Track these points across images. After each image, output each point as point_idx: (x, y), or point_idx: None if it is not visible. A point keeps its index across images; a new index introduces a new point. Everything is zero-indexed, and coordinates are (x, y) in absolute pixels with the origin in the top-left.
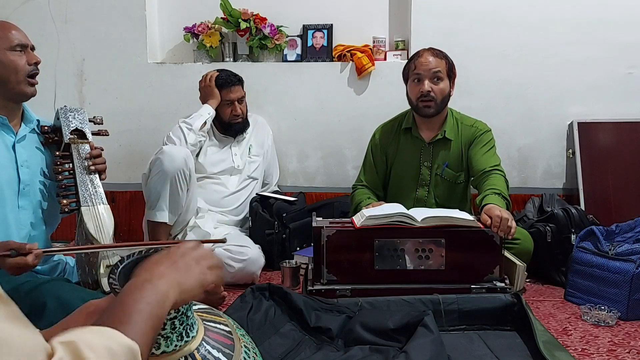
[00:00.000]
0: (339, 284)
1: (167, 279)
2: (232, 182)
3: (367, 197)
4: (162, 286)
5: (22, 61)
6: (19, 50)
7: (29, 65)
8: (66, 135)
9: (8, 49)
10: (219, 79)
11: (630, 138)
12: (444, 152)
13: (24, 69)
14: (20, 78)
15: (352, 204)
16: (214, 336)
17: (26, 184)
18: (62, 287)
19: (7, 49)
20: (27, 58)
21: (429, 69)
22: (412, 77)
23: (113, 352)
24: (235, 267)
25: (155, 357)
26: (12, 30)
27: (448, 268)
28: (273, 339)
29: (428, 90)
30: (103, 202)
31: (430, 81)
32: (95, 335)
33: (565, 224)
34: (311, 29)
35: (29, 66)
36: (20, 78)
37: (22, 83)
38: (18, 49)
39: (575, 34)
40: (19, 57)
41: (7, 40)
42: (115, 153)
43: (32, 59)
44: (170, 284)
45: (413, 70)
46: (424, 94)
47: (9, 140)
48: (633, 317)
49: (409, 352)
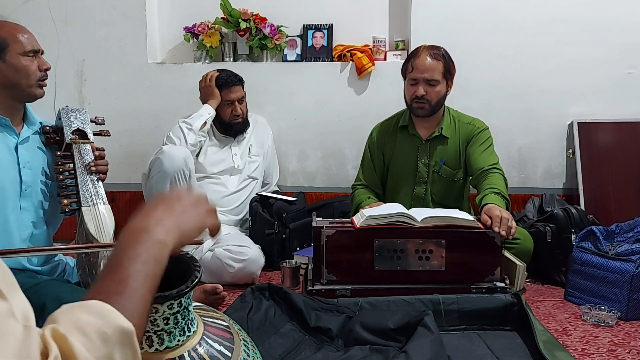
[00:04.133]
0: (339, 284)
1: (164, 223)
2: (232, 182)
3: (367, 197)
4: (159, 234)
5: (34, 66)
6: (31, 56)
7: (40, 72)
8: (68, 135)
9: (22, 54)
10: (219, 79)
11: (630, 138)
12: (441, 150)
13: (35, 75)
14: (32, 82)
15: (353, 205)
16: (213, 330)
17: (28, 185)
18: (61, 288)
19: (20, 54)
20: (39, 63)
21: (425, 75)
22: (408, 78)
23: (106, 337)
24: (235, 267)
25: (159, 353)
26: (25, 34)
27: (448, 268)
28: (273, 339)
29: (423, 94)
30: (104, 202)
31: (425, 85)
32: (89, 316)
33: (565, 224)
34: (311, 29)
35: (40, 72)
36: (32, 82)
37: (32, 87)
38: (31, 54)
39: (575, 34)
40: (31, 63)
41: (21, 45)
42: (115, 153)
43: (43, 65)
44: (169, 229)
45: (409, 72)
46: (418, 96)
47: (12, 142)
48: (633, 317)
49: (409, 352)
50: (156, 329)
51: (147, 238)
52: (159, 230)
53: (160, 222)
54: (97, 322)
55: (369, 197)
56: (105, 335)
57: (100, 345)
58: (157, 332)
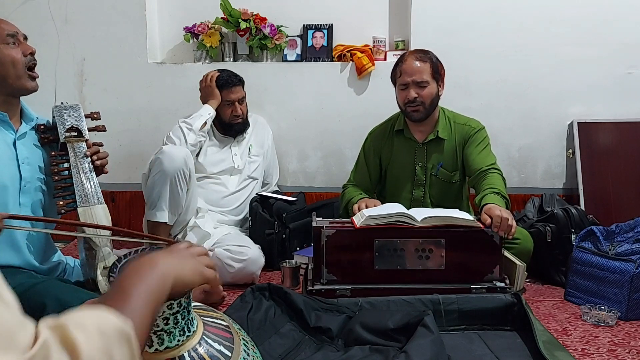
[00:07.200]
0: (339, 284)
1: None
2: (232, 182)
3: (358, 194)
4: (162, 268)
5: (17, 54)
6: (12, 42)
7: (25, 57)
8: (62, 134)
9: (1, 41)
10: (219, 80)
11: (630, 138)
12: (437, 152)
13: (21, 62)
14: (20, 72)
15: (342, 202)
16: (213, 330)
17: (27, 181)
18: (61, 288)
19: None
20: (22, 49)
21: (413, 78)
22: (398, 84)
23: (104, 334)
24: (235, 267)
25: (159, 353)
26: (1, 23)
27: (448, 268)
28: (273, 339)
29: (415, 96)
30: (100, 201)
31: (416, 87)
32: (88, 315)
33: (565, 224)
34: (311, 29)
35: (25, 57)
36: (20, 72)
37: (22, 77)
38: (10, 40)
39: (575, 34)
40: (14, 50)
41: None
42: (115, 153)
43: (27, 50)
44: (170, 267)
45: (399, 77)
46: (410, 100)
47: (10, 138)
48: (633, 317)
49: (409, 352)
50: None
51: (151, 269)
52: (161, 266)
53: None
54: (96, 320)
55: (360, 193)
56: (104, 331)
57: (98, 339)
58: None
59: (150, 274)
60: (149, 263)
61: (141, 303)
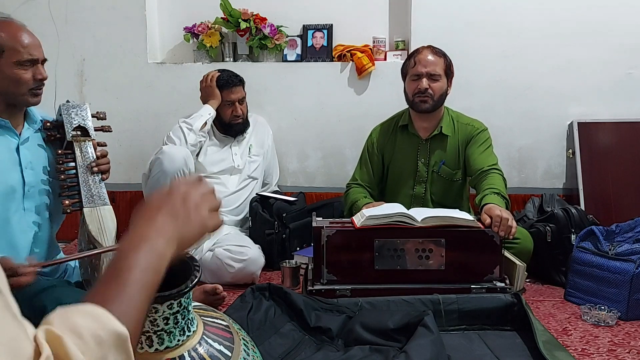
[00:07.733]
0: (339, 284)
1: (165, 232)
2: (232, 182)
3: (363, 196)
4: (160, 246)
5: (27, 76)
6: (27, 66)
7: (33, 81)
8: (69, 132)
9: (16, 62)
10: (220, 80)
11: (630, 138)
12: (440, 149)
13: (27, 84)
14: (23, 91)
15: (347, 203)
16: (213, 330)
17: (31, 185)
18: (62, 291)
19: (15, 63)
20: (34, 73)
21: (427, 69)
22: (411, 74)
23: (101, 340)
24: (235, 267)
25: (159, 353)
26: (26, 41)
27: (448, 268)
28: (273, 339)
29: (426, 87)
30: (106, 202)
31: (428, 79)
32: (84, 320)
33: (565, 224)
34: (311, 29)
35: (34, 82)
36: (23, 91)
37: (25, 95)
38: (27, 64)
39: (576, 35)
40: (25, 72)
41: (18, 55)
42: (115, 153)
43: (38, 75)
44: (169, 237)
45: (412, 68)
46: (421, 90)
47: (13, 143)
48: (633, 317)
49: (409, 352)
50: (156, 329)
51: (147, 248)
52: (160, 241)
53: (161, 232)
54: (92, 325)
55: (365, 195)
56: (100, 338)
57: (95, 348)
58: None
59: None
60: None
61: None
